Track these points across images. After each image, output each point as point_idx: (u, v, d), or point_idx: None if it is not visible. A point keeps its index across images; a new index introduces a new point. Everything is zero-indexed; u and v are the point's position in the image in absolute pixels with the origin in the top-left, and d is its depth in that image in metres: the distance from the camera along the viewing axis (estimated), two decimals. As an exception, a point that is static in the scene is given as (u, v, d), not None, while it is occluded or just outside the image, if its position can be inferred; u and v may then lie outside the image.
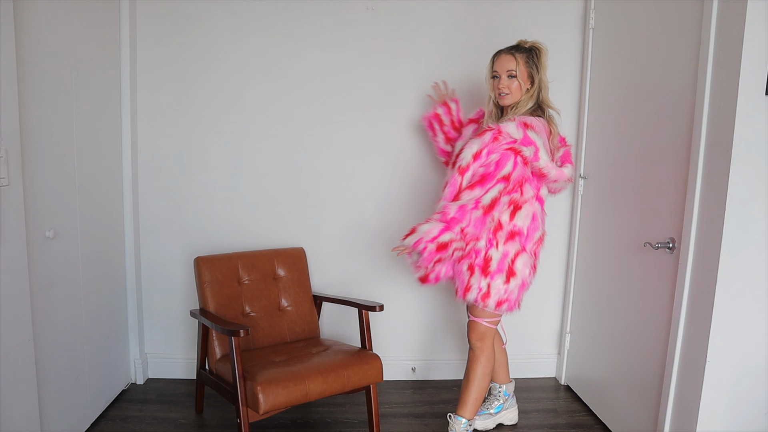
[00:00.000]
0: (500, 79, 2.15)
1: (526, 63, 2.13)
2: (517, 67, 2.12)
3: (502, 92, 2.15)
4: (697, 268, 1.90)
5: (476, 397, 2.28)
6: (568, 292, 2.98)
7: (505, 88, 2.14)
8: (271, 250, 2.72)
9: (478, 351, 2.27)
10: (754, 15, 1.68)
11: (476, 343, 2.27)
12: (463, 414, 2.29)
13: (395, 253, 2.21)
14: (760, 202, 1.77)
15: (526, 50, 2.15)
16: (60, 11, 2.14)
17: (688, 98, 1.96)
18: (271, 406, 2.07)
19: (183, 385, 2.91)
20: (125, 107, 2.71)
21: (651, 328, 2.19)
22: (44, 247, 2.06)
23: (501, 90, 2.15)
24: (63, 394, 2.22)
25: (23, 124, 1.90)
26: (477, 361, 2.27)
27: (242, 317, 2.54)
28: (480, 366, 2.26)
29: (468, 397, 2.28)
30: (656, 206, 2.17)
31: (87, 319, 2.41)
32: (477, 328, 2.26)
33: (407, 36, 2.82)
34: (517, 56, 2.13)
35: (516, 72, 2.12)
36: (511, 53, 2.14)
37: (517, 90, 2.14)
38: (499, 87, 2.16)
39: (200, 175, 2.87)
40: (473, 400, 2.28)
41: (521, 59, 2.12)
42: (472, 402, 2.28)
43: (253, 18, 2.77)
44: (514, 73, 2.13)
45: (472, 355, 2.30)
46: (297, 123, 2.86)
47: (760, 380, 1.87)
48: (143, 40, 2.76)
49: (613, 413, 2.51)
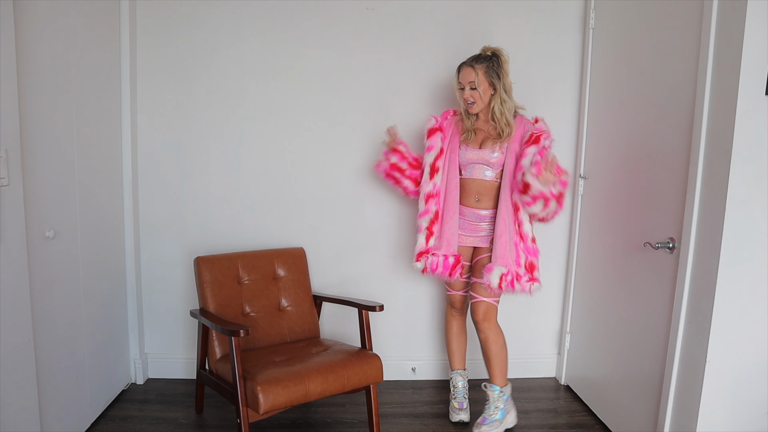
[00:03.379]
0: (464, 90, 2.35)
1: (485, 73, 2.31)
2: (476, 77, 2.31)
3: (467, 101, 2.36)
4: (697, 268, 1.90)
5: (500, 368, 2.48)
6: (568, 292, 2.98)
7: (469, 98, 2.35)
8: (271, 250, 2.72)
9: (487, 330, 2.44)
10: (754, 15, 1.68)
11: (483, 324, 2.43)
12: (496, 383, 2.49)
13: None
14: (760, 202, 1.77)
15: (486, 59, 2.32)
16: (60, 11, 2.14)
17: (688, 98, 1.96)
18: (271, 406, 2.07)
19: (183, 385, 2.91)
20: (125, 107, 2.71)
21: (651, 328, 2.19)
22: (44, 247, 2.06)
23: (467, 99, 2.36)
24: (63, 394, 2.22)
25: (23, 124, 1.90)
26: (488, 340, 2.44)
27: (242, 317, 2.54)
28: (492, 343, 2.44)
29: (494, 369, 2.48)
30: (656, 206, 2.17)
31: (87, 319, 2.41)
32: (486, 308, 2.42)
33: (407, 36, 2.82)
34: (476, 68, 2.31)
35: (476, 83, 2.31)
36: (471, 66, 2.33)
37: (479, 99, 2.34)
38: (465, 97, 2.36)
39: (200, 175, 2.87)
40: (499, 370, 2.48)
41: (480, 70, 2.31)
42: (499, 372, 2.48)
43: (253, 18, 2.77)
44: (475, 85, 2.32)
45: (482, 336, 2.45)
46: (297, 123, 2.86)
47: (760, 380, 1.87)
48: (143, 40, 2.76)
49: (613, 413, 2.51)
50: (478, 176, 2.41)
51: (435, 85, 2.86)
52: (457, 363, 2.67)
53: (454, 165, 2.44)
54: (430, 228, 2.45)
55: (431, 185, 2.44)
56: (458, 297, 2.59)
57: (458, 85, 2.38)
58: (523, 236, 2.36)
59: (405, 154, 2.55)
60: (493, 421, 2.48)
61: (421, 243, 2.46)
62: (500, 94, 2.33)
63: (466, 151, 2.42)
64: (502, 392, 2.49)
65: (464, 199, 2.45)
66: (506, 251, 2.34)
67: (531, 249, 2.38)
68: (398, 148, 2.54)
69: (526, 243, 2.37)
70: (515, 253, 2.35)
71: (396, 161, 2.53)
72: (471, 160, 2.41)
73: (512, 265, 2.33)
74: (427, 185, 2.45)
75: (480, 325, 2.44)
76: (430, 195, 2.44)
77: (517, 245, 2.36)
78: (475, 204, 2.44)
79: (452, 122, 2.50)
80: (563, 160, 2.93)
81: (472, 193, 2.44)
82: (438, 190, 2.45)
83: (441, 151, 2.46)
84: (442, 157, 2.45)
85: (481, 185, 2.42)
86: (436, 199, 2.44)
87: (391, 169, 2.55)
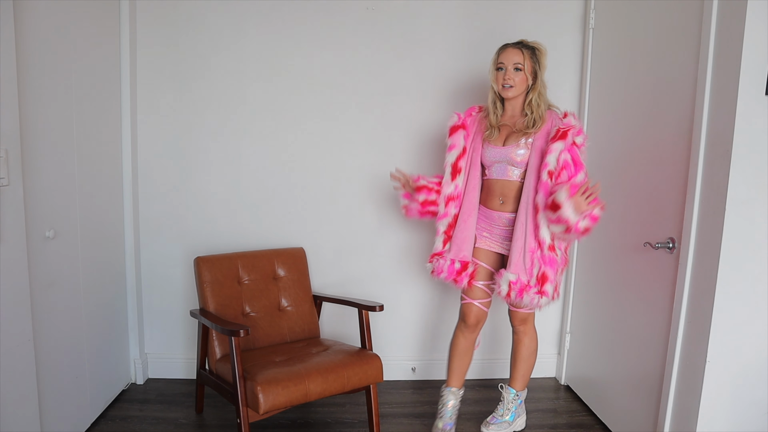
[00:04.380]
0: (506, 71, 2.19)
1: (531, 58, 2.18)
2: (524, 60, 2.17)
3: (506, 83, 2.19)
4: (697, 268, 1.90)
5: (523, 373, 2.48)
6: (568, 292, 2.98)
7: (510, 80, 2.18)
8: (271, 250, 2.72)
9: (521, 334, 2.42)
10: (754, 15, 1.68)
11: (519, 327, 2.41)
12: (514, 386, 2.49)
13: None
14: (760, 202, 1.77)
15: (530, 48, 2.21)
16: (60, 11, 2.14)
17: (688, 98, 1.96)
18: (271, 406, 2.07)
19: (183, 385, 2.90)
20: (125, 107, 2.71)
21: (651, 328, 2.19)
22: (44, 247, 2.06)
23: (506, 81, 2.18)
24: (63, 394, 2.22)
25: (23, 124, 1.90)
26: (521, 343, 2.43)
27: (242, 317, 2.54)
28: (524, 347, 2.43)
29: (517, 373, 2.48)
30: (656, 206, 2.17)
31: (87, 319, 2.41)
32: (525, 315, 2.38)
33: (407, 36, 2.82)
34: (524, 51, 2.18)
35: (523, 65, 2.17)
36: (519, 48, 2.19)
37: (521, 83, 2.18)
38: (504, 78, 2.19)
39: (200, 175, 2.87)
40: (521, 375, 2.48)
41: (527, 54, 2.18)
42: (521, 377, 2.48)
43: (253, 18, 2.77)
44: (521, 66, 2.17)
45: (516, 338, 2.45)
46: (297, 123, 2.86)
47: (760, 380, 1.87)
48: (143, 40, 2.76)
49: (613, 413, 2.51)
50: (503, 176, 2.24)
51: (436, 85, 2.86)
52: (454, 380, 2.44)
53: (476, 165, 2.29)
54: (448, 232, 2.30)
55: (452, 187, 2.28)
56: (474, 309, 2.34)
57: (497, 65, 2.21)
58: (540, 242, 2.15)
59: (428, 185, 2.34)
60: (502, 422, 2.47)
61: (438, 246, 2.32)
62: (539, 86, 2.20)
63: (489, 149, 2.26)
64: (517, 396, 2.49)
65: (488, 202, 2.29)
66: (520, 257, 2.17)
67: (548, 258, 2.15)
68: (421, 186, 2.34)
69: (542, 250, 2.15)
70: (530, 261, 2.16)
71: (425, 197, 2.33)
72: (495, 158, 2.25)
73: (523, 274, 2.16)
74: (448, 187, 2.29)
75: (516, 328, 2.42)
76: (450, 197, 2.28)
77: (533, 252, 2.16)
78: (499, 207, 2.27)
79: (476, 120, 2.33)
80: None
81: (496, 194, 2.27)
82: (459, 192, 2.29)
83: (464, 150, 2.28)
84: (465, 157, 2.28)
85: (506, 186, 2.25)
86: (456, 202, 2.29)
87: (424, 208, 2.34)
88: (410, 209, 2.40)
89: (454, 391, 2.44)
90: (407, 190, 2.38)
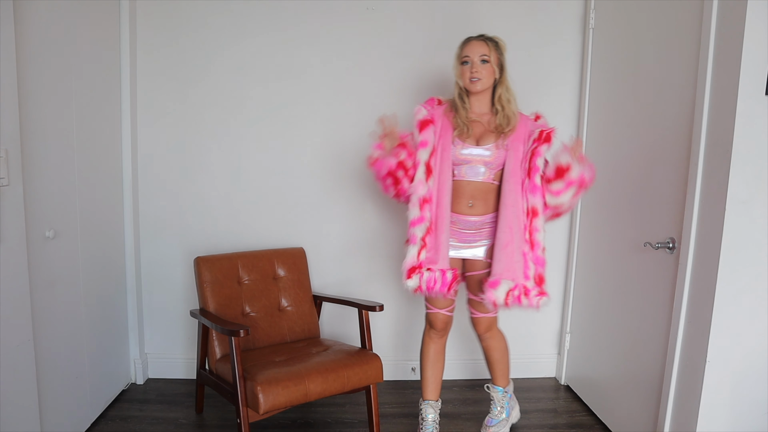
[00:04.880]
0: (472, 65, 2.09)
1: (496, 50, 2.11)
2: (490, 52, 2.09)
3: (474, 77, 2.08)
4: (697, 268, 1.90)
5: (504, 370, 2.43)
6: (568, 292, 2.98)
7: (477, 73, 2.08)
8: (271, 250, 2.72)
9: (489, 339, 2.36)
10: (754, 15, 1.68)
11: (486, 334, 2.34)
12: (499, 384, 2.45)
13: None
14: (760, 202, 1.77)
15: (493, 41, 2.13)
16: (60, 11, 2.14)
17: (688, 98, 1.96)
18: (271, 406, 2.07)
19: (183, 385, 2.90)
20: (125, 107, 2.71)
21: (651, 328, 2.19)
22: (44, 247, 2.06)
23: (473, 74, 2.08)
24: (63, 394, 2.22)
25: (23, 124, 1.90)
26: (492, 348, 2.37)
27: (242, 317, 2.54)
28: (496, 350, 2.38)
29: (497, 372, 2.43)
30: (656, 206, 2.17)
31: (87, 319, 2.41)
32: (489, 322, 2.32)
33: (407, 36, 2.82)
34: (489, 43, 2.10)
35: (489, 57, 2.08)
36: (483, 40, 2.11)
37: (489, 76, 2.09)
38: (471, 71, 2.09)
39: (200, 174, 2.87)
40: (502, 373, 2.43)
41: (492, 46, 2.10)
42: (502, 375, 2.43)
43: (253, 18, 2.77)
44: (488, 58, 2.08)
45: (485, 345, 2.38)
46: (297, 123, 2.86)
47: (760, 380, 1.87)
48: (143, 40, 2.76)
49: (613, 413, 2.51)
50: (475, 178, 2.14)
51: (436, 85, 2.85)
52: (429, 392, 2.36)
53: (446, 164, 2.12)
54: (425, 239, 2.13)
55: (426, 188, 2.11)
56: (441, 317, 2.29)
57: (461, 60, 2.11)
58: (534, 244, 2.10)
59: (410, 149, 2.15)
60: (500, 421, 2.46)
61: (413, 257, 2.13)
62: (506, 81, 2.12)
63: (461, 147, 2.12)
64: (506, 392, 2.47)
65: (455, 205, 2.16)
66: (513, 262, 2.08)
67: (540, 259, 2.11)
68: (406, 143, 2.14)
69: (535, 252, 2.10)
70: (523, 264, 2.10)
71: (404, 158, 2.12)
72: (467, 159, 2.12)
73: (520, 278, 2.09)
74: (422, 188, 2.11)
75: (482, 336, 2.35)
76: (425, 200, 2.11)
77: (526, 255, 2.10)
78: (467, 210, 2.16)
79: (441, 113, 2.18)
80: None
81: (465, 197, 2.16)
82: (431, 194, 2.12)
83: (434, 148, 2.13)
84: (435, 156, 2.13)
85: (478, 188, 2.14)
86: (430, 205, 2.12)
87: (397, 168, 2.12)
88: (381, 161, 2.13)
89: (433, 404, 2.37)
90: (385, 142, 2.13)
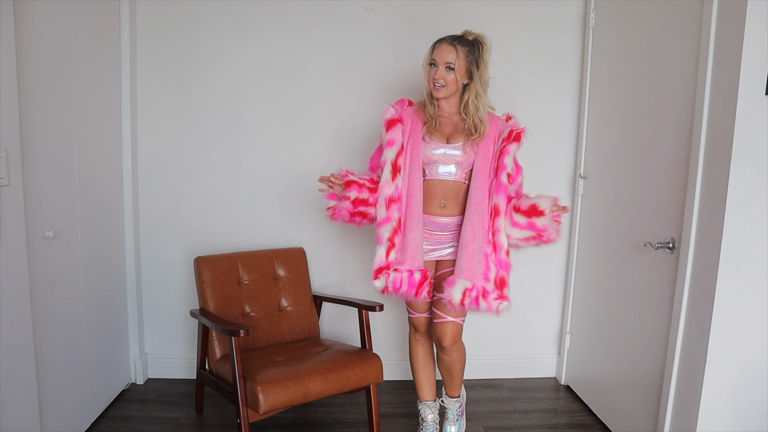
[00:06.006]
0: (437, 69, 2.03)
1: (466, 57, 2.02)
2: (456, 60, 2.00)
3: (437, 83, 2.03)
4: (697, 268, 1.90)
5: (461, 380, 2.33)
6: (568, 292, 2.98)
7: (440, 79, 2.02)
8: (271, 250, 2.72)
9: (453, 353, 2.21)
10: (754, 15, 1.68)
11: (452, 347, 2.18)
12: (455, 394, 2.34)
13: None
14: (760, 202, 1.77)
15: (469, 43, 2.04)
16: (60, 11, 2.14)
17: (688, 98, 1.96)
18: (271, 406, 2.07)
19: (183, 385, 2.90)
20: (125, 107, 2.71)
21: (651, 328, 2.19)
22: (44, 247, 2.06)
23: (436, 80, 2.03)
24: (63, 394, 2.22)
25: (23, 124, 1.90)
26: (455, 361, 2.24)
27: (242, 317, 2.54)
28: (458, 362, 2.25)
29: (455, 383, 2.31)
30: (656, 206, 2.17)
31: (87, 318, 2.41)
32: (453, 330, 2.16)
33: (407, 36, 2.82)
34: (459, 48, 2.01)
35: (455, 65, 2.00)
36: (453, 44, 2.02)
37: (452, 83, 2.03)
38: (434, 77, 2.03)
39: (200, 174, 2.87)
40: (459, 382, 2.33)
41: (462, 52, 2.01)
42: (459, 384, 2.33)
43: (253, 18, 2.77)
44: (453, 66, 2.01)
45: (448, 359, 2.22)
46: (297, 123, 2.86)
47: (760, 380, 1.87)
48: (143, 40, 2.76)
49: (613, 413, 2.51)
50: (446, 177, 2.09)
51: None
52: (426, 393, 2.34)
53: (416, 164, 2.08)
54: (392, 239, 2.07)
55: (393, 187, 2.06)
56: (423, 320, 2.25)
57: (429, 61, 2.05)
58: (497, 246, 2.05)
59: (359, 181, 2.11)
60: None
61: (381, 257, 2.08)
62: (476, 86, 2.03)
63: (430, 146, 2.09)
64: (459, 400, 2.37)
65: (426, 206, 2.11)
66: (473, 262, 2.03)
67: (503, 262, 2.05)
68: (351, 180, 2.10)
69: (498, 254, 2.05)
70: (484, 265, 2.05)
71: (357, 195, 2.08)
72: (437, 158, 2.08)
73: (479, 279, 2.02)
74: (388, 187, 2.06)
75: (446, 350, 2.17)
76: (392, 199, 2.06)
77: (488, 256, 2.05)
78: (440, 211, 2.11)
79: (411, 113, 2.15)
80: (564, 160, 2.94)
81: (437, 197, 2.10)
82: (400, 193, 2.08)
83: (402, 146, 2.09)
84: (403, 154, 2.09)
85: (449, 188, 2.09)
86: (398, 205, 2.08)
87: (355, 207, 2.10)
88: (338, 210, 2.14)
89: (430, 404, 2.35)
90: (335, 189, 2.12)
